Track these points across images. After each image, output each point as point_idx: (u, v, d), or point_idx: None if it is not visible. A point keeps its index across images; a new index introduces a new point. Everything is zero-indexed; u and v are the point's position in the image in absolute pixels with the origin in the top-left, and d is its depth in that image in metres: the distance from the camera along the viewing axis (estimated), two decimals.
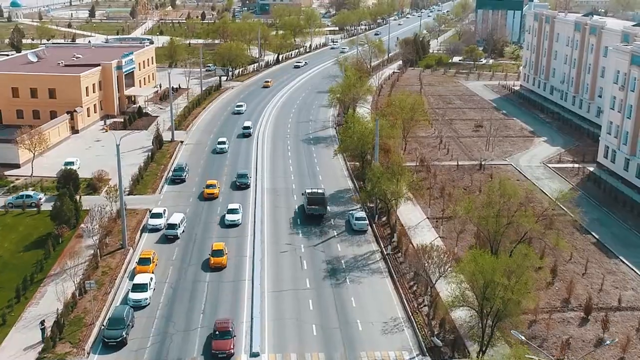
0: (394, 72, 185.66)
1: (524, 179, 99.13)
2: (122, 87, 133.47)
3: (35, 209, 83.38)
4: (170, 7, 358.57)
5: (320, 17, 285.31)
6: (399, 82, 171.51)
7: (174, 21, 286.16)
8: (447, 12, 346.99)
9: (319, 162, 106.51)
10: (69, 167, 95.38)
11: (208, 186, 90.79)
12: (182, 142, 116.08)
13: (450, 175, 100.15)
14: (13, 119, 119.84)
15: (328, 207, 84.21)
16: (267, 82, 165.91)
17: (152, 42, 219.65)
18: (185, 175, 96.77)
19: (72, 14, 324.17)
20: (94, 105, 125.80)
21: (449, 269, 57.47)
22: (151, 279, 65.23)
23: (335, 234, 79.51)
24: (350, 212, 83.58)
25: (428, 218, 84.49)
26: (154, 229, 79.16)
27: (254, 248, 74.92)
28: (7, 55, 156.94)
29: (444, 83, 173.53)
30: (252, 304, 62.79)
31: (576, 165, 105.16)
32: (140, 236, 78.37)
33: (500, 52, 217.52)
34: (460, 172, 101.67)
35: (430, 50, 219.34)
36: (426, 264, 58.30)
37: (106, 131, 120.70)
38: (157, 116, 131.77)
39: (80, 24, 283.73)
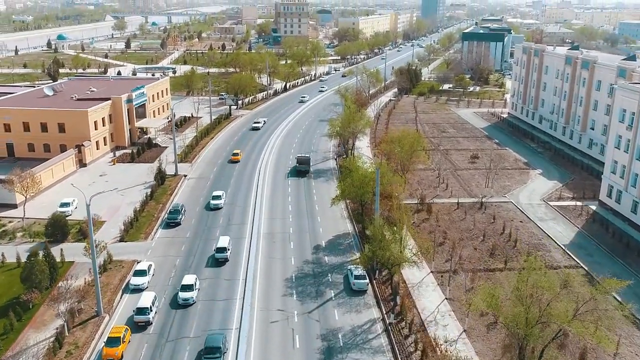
0: (390, 100, 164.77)
1: (527, 220, 78.67)
2: (132, 119, 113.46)
3: (15, 261, 63.80)
4: (196, 39, 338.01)
5: (324, 47, 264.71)
6: (395, 110, 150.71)
7: (197, 52, 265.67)
8: (435, 41, 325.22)
9: (318, 200, 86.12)
10: (62, 210, 76.29)
11: None
12: (185, 176, 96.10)
13: (451, 215, 79.67)
14: (25, 153, 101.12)
15: (312, 173, 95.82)
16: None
17: (175, 71, 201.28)
18: (180, 218, 76.61)
19: (111, 45, 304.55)
20: (104, 138, 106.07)
21: None
22: None
23: (333, 295, 59.10)
24: (349, 267, 63.17)
25: (432, 272, 64.12)
26: (137, 289, 59.32)
27: (242, 316, 54.88)
28: (34, 86, 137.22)
29: (437, 110, 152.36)
30: None
31: (578, 203, 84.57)
32: (120, 298, 58.53)
33: (485, 80, 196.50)
34: (461, 211, 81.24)
35: (422, 78, 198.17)
36: None
37: (113, 164, 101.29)
38: (166, 147, 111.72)
39: (116, 54, 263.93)
